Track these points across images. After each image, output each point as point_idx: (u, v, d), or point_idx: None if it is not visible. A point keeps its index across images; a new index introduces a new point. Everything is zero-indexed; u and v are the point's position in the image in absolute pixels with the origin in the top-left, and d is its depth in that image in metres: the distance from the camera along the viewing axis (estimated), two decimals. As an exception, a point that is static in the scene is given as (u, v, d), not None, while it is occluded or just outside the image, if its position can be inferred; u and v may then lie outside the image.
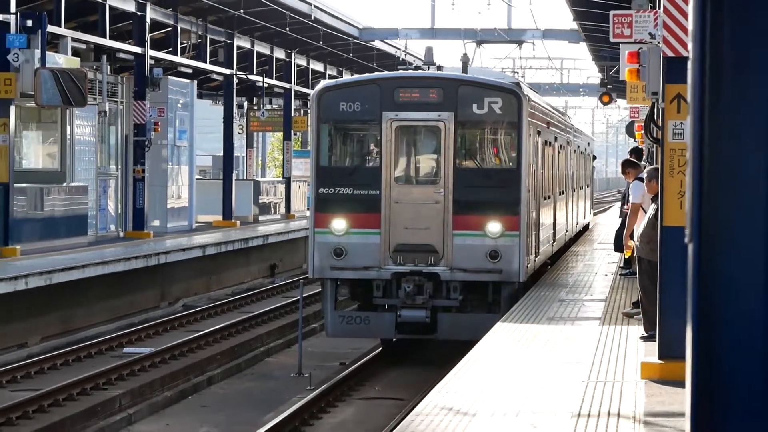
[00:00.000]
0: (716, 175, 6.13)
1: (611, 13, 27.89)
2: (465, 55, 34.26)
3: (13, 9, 37.30)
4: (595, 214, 69.79)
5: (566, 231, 46.11)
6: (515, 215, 28.80)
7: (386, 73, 40.82)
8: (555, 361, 20.11)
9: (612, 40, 28.84)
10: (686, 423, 6.09)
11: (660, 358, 18.50)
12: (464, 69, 34.34)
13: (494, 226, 28.87)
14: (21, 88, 37.26)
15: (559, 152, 41.16)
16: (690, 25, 6.39)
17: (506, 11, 73.39)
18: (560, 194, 42.33)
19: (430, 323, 29.42)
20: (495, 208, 29.06)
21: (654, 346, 19.38)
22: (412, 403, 23.05)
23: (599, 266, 38.61)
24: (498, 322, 28.55)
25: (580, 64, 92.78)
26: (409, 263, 29.34)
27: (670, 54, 17.70)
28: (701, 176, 6.19)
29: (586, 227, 59.67)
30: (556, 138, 39.30)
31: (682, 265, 5.92)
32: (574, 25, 57.58)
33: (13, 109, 38.62)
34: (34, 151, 47.23)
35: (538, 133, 33.24)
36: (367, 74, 41.07)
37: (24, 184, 41.23)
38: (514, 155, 29.67)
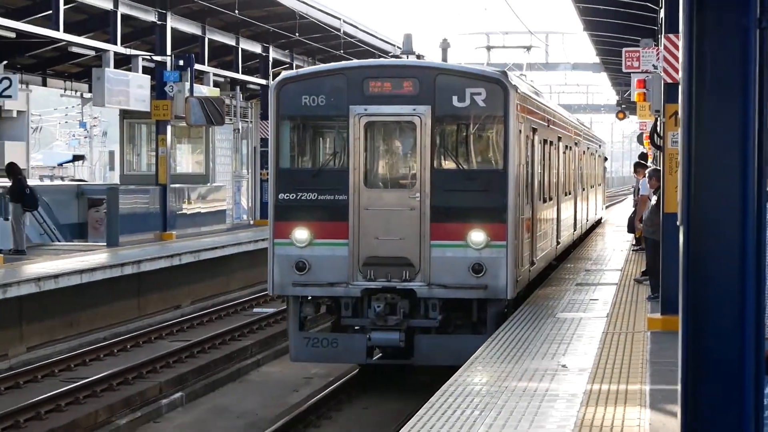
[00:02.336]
0: (700, 174, 6.14)
1: (624, 50, 27.68)
2: (445, 40, 23.57)
3: (169, 52, 37.48)
4: (611, 206, 68.48)
5: (574, 230, 35.52)
6: (502, 223, 19.43)
7: (354, 62, 28.45)
8: (584, 317, 20.05)
9: (624, 70, 28.61)
10: (679, 361, 6.09)
11: (662, 313, 18.45)
12: (444, 57, 23.35)
13: (478, 236, 19.31)
14: (175, 112, 37.43)
15: (564, 152, 31.27)
16: (680, 58, 6.38)
17: (544, 49, 73.84)
18: (566, 194, 32.18)
19: (405, 346, 19.62)
20: (479, 215, 19.52)
21: (657, 305, 19.38)
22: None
23: (617, 244, 37.87)
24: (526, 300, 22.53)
25: (602, 89, 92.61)
26: (381, 278, 19.52)
27: (669, 80, 17.62)
28: (689, 175, 6.19)
29: (598, 222, 50.08)
30: (560, 138, 29.74)
31: (677, 242, 5.91)
32: (597, 59, 57.39)
33: (169, 128, 38.82)
34: (185, 160, 47.37)
35: (534, 130, 23.56)
36: (332, 63, 28.35)
37: (178, 185, 41.46)
38: (500, 154, 19.96)
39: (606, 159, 59.54)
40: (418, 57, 22.44)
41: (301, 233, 19.88)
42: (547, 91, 79.18)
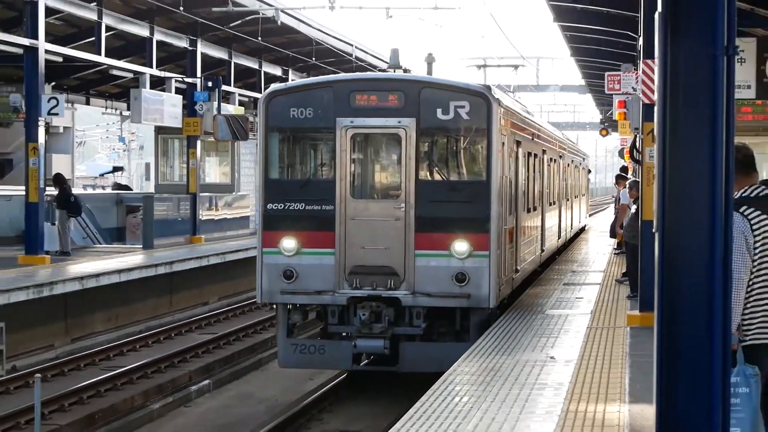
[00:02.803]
0: (673, 186, 6.14)
1: (606, 73, 27.65)
2: (430, 54, 22.43)
3: (199, 74, 37.57)
4: (595, 214, 67.96)
5: (558, 238, 33.82)
6: (485, 233, 18.07)
7: (341, 75, 25.45)
8: (570, 314, 20.04)
9: (607, 92, 28.57)
10: (654, 353, 6.10)
11: (640, 311, 18.43)
12: (429, 70, 22.49)
13: (461, 246, 18.00)
14: (204, 128, 37.55)
15: (549, 165, 29.78)
16: (656, 82, 6.39)
17: (535, 72, 73.99)
18: (551, 204, 30.72)
19: (390, 354, 18.32)
20: (462, 226, 18.15)
21: (636, 303, 19.35)
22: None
23: (600, 248, 37.77)
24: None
25: (587, 108, 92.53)
26: (367, 287, 18.23)
27: (646, 101, 17.64)
28: (663, 187, 6.20)
29: (582, 229, 48.54)
30: (544, 151, 28.13)
31: (654, 246, 5.92)
32: (582, 82, 57.41)
33: (199, 142, 38.91)
34: (213, 171, 47.40)
35: (518, 143, 21.87)
36: (320, 77, 26.55)
37: (206, 194, 41.57)
38: (483, 166, 18.59)
39: (589, 171, 57.93)
40: (405, 71, 21.40)
41: (288, 242, 18.55)
42: (538, 110, 79.18)
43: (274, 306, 19.95)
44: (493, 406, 12.25)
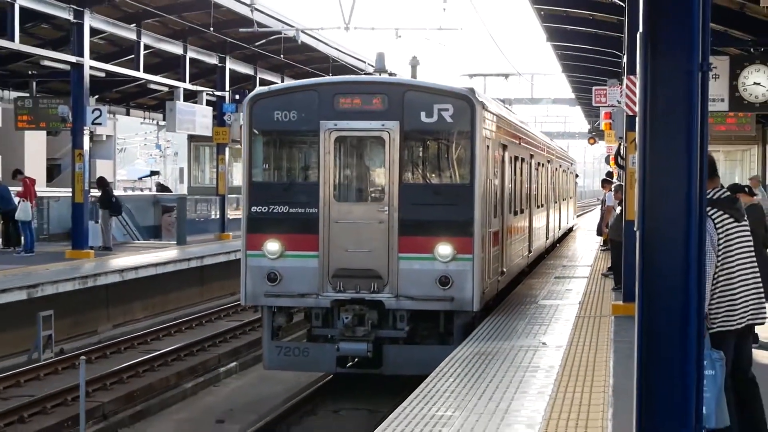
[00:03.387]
0: (652, 189, 6.15)
1: (594, 88, 27.73)
2: (414, 58, 20.16)
3: (227, 88, 37.61)
4: (583, 215, 67.63)
5: (546, 239, 31.58)
6: (468, 236, 16.30)
7: (325, 78, 23.94)
8: (560, 304, 20.02)
9: (594, 104, 28.66)
10: (635, 339, 6.10)
11: (623, 301, 18.39)
12: (413, 74, 20.01)
13: (444, 249, 16.25)
14: (232, 136, 37.59)
15: (536, 169, 27.57)
16: (638, 95, 6.39)
17: (530, 86, 74.06)
18: (539, 207, 28.41)
19: (374, 356, 16.57)
20: (445, 229, 16.39)
21: (620, 294, 19.33)
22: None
23: (587, 245, 37.70)
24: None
25: (576, 119, 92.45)
26: (351, 290, 16.49)
27: (630, 113, 17.58)
28: (644, 190, 6.20)
29: (570, 229, 46.49)
30: (532, 155, 25.94)
31: (635, 243, 5.94)
32: (572, 95, 57.37)
33: (227, 149, 38.99)
34: (240, 175, 47.62)
35: (504, 146, 19.85)
36: (305, 80, 22.65)
37: (234, 195, 41.63)
38: (467, 169, 16.72)
39: (577, 176, 56.01)
40: (390, 74, 19.24)
41: (272, 245, 16.69)
42: (532, 120, 79.06)
43: (259, 308, 18.56)
44: (490, 386, 12.26)
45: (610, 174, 37.02)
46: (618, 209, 21.84)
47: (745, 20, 24.58)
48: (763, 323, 12.27)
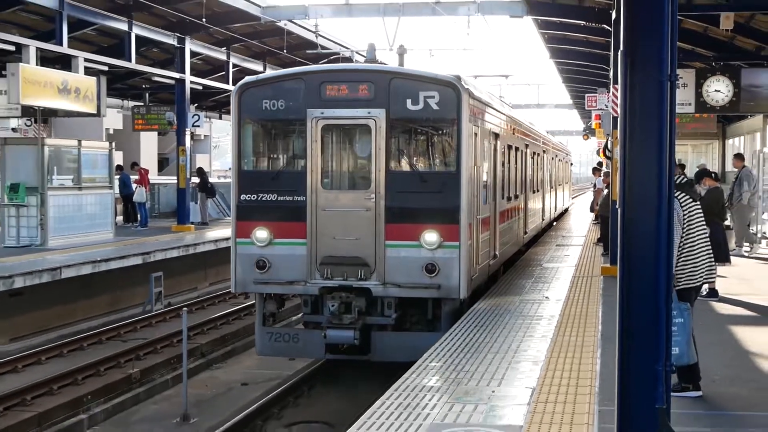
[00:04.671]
0: (632, 175, 6.13)
1: (587, 95, 27.71)
2: (401, 46, 17.19)
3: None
4: (578, 196, 67.02)
5: (543, 219, 27.73)
6: (455, 224, 13.47)
7: (313, 67, 18.34)
8: (560, 266, 19.95)
9: (587, 108, 28.59)
10: (617, 294, 6.09)
11: (610, 264, 18.29)
12: (400, 62, 16.92)
13: (431, 237, 13.44)
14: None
15: (532, 158, 24.06)
16: (619, 100, 6.36)
17: (537, 92, 74.23)
18: (535, 192, 24.91)
19: (363, 343, 13.75)
20: (432, 216, 13.55)
21: (607, 258, 19.28)
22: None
23: (582, 220, 37.47)
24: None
25: (574, 120, 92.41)
26: (338, 277, 13.71)
27: (615, 115, 17.46)
28: (624, 175, 6.18)
29: (566, 210, 42.91)
30: (527, 145, 22.63)
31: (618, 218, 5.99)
32: (570, 101, 57.14)
33: (188, 140, 39.07)
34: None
35: (496, 135, 16.68)
36: (293, 68, 18.85)
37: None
38: (453, 157, 13.79)
39: (572, 164, 53.19)
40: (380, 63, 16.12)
41: (261, 233, 13.81)
42: (538, 120, 78.41)
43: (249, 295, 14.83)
44: (503, 332, 12.24)
45: (600, 163, 36.80)
46: (606, 191, 21.74)
47: (707, 40, 24.57)
48: (713, 280, 12.44)
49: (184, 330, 14.32)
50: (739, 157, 23.62)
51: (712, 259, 9.31)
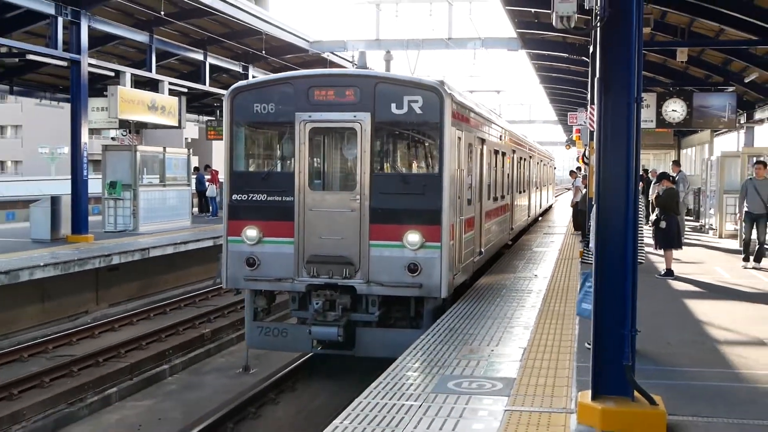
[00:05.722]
0: (605, 178, 6.11)
1: (569, 113, 27.47)
2: (388, 52, 15.68)
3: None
4: (561, 195, 66.55)
5: (528, 216, 25.46)
6: (436, 225, 11.43)
7: (301, 72, 12.87)
8: (546, 250, 19.85)
9: (569, 123, 28.38)
10: (593, 269, 6.07)
11: (586, 250, 18.23)
12: (387, 67, 15.44)
13: (413, 237, 11.41)
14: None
15: (519, 162, 21.86)
16: (595, 118, 6.33)
17: (529, 110, 74.03)
18: (521, 192, 22.84)
19: (348, 338, 11.76)
20: (414, 217, 11.50)
21: (584, 245, 19.13)
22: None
23: (564, 214, 37.23)
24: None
25: (558, 132, 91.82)
26: (324, 275, 11.68)
27: (591, 129, 17.35)
28: (599, 178, 6.17)
29: (550, 206, 40.72)
30: (514, 151, 20.65)
31: (593, 211, 5.99)
32: (556, 117, 56.90)
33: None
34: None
35: (482, 140, 14.67)
36: (282, 73, 13.24)
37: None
38: (435, 159, 11.76)
39: (555, 168, 50.87)
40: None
41: (251, 231, 11.82)
42: (530, 133, 77.96)
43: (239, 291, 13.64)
44: (500, 302, 12.21)
45: (578, 168, 36.61)
46: (584, 190, 21.64)
47: (666, 70, 24.68)
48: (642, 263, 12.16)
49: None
50: (676, 163, 24.15)
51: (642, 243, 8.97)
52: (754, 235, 15.95)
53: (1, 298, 15.39)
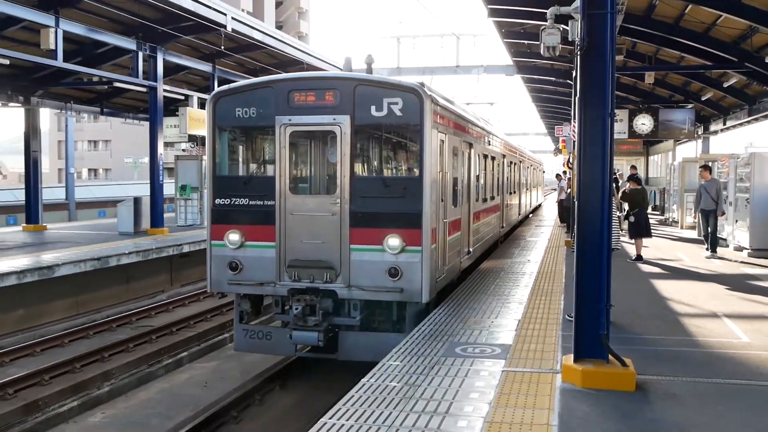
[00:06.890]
0: (584, 179, 6.07)
1: (556, 126, 27.38)
2: (369, 56, 10.57)
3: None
4: (549, 195, 65.72)
5: (519, 214, 23.15)
6: (417, 228, 8.78)
7: (281, 75, 9.66)
8: (537, 240, 19.69)
9: (556, 135, 28.22)
10: (575, 257, 6.04)
11: (570, 238, 18.07)
12: (368, 70, 10.44)
13: (394, 241, 8.79)
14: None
15: (509, 166, 19.42)
16: (577, 130, 6.29)
17: (524, 123, 73.84)
18: (511, 193, 20.39)
19: (331, 342, 9.41)
20: (395, 221, 8.82)
21: (568, 235, 18.95)
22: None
23: (551, 210, 36.94)
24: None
25: (548, 142, 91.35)
26: (305, 279, 9.19)
27: (574, 139, 17.12)
28: (580, 179, 6.13)
29: (539, 205, 37.96)
30: (504, 155, 18.15)
31: (575, 207, 5.98)
32: (545, 130, 56.48)
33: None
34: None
35: (469, 144, 12.23)
36: (263, 77, 10.44)
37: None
38: (416, 162, 9.01)
39: (544, 172, 48.16)
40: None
41: (233, 236, 9.69)
42: (523, 142, 77.33)
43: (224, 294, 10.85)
44: (498, 282, 12.13)
45: (564, 172, 36.38)
46: (568, 190, 21.52)
47: (636, 90, 24.52)
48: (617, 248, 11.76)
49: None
50: (633, 168, 24.39)
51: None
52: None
53: (94, 279, 15.61)
